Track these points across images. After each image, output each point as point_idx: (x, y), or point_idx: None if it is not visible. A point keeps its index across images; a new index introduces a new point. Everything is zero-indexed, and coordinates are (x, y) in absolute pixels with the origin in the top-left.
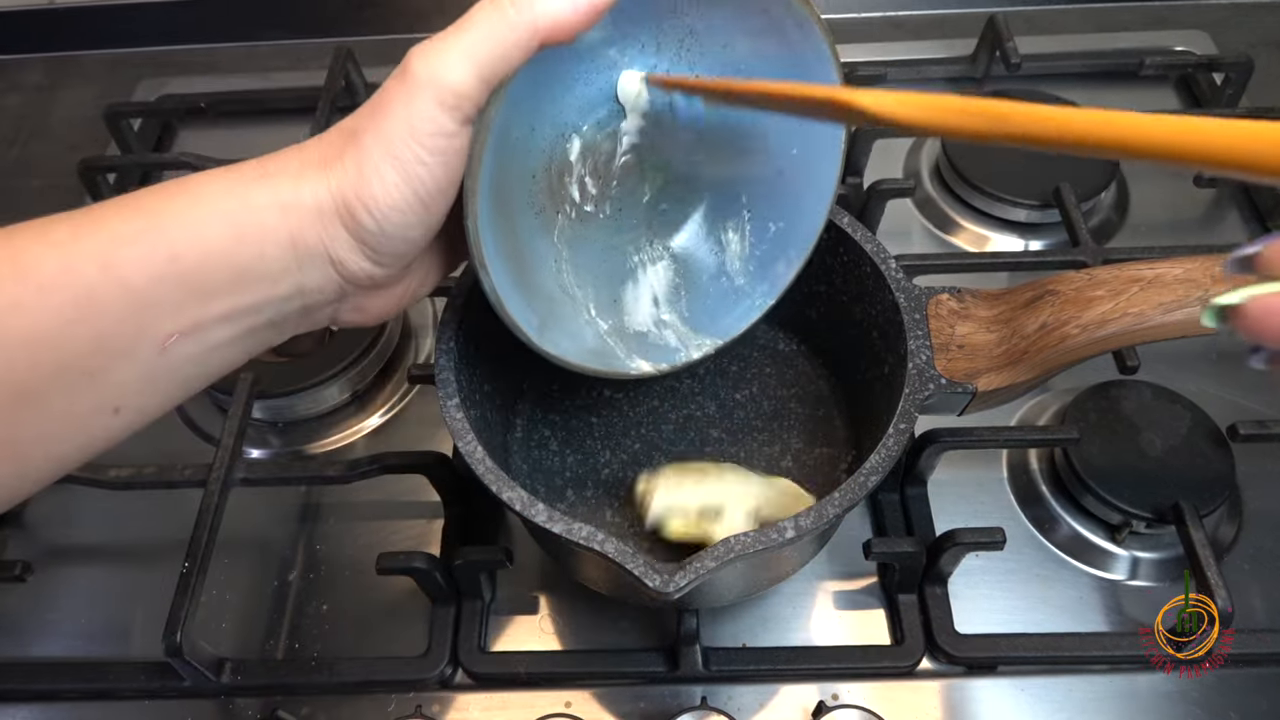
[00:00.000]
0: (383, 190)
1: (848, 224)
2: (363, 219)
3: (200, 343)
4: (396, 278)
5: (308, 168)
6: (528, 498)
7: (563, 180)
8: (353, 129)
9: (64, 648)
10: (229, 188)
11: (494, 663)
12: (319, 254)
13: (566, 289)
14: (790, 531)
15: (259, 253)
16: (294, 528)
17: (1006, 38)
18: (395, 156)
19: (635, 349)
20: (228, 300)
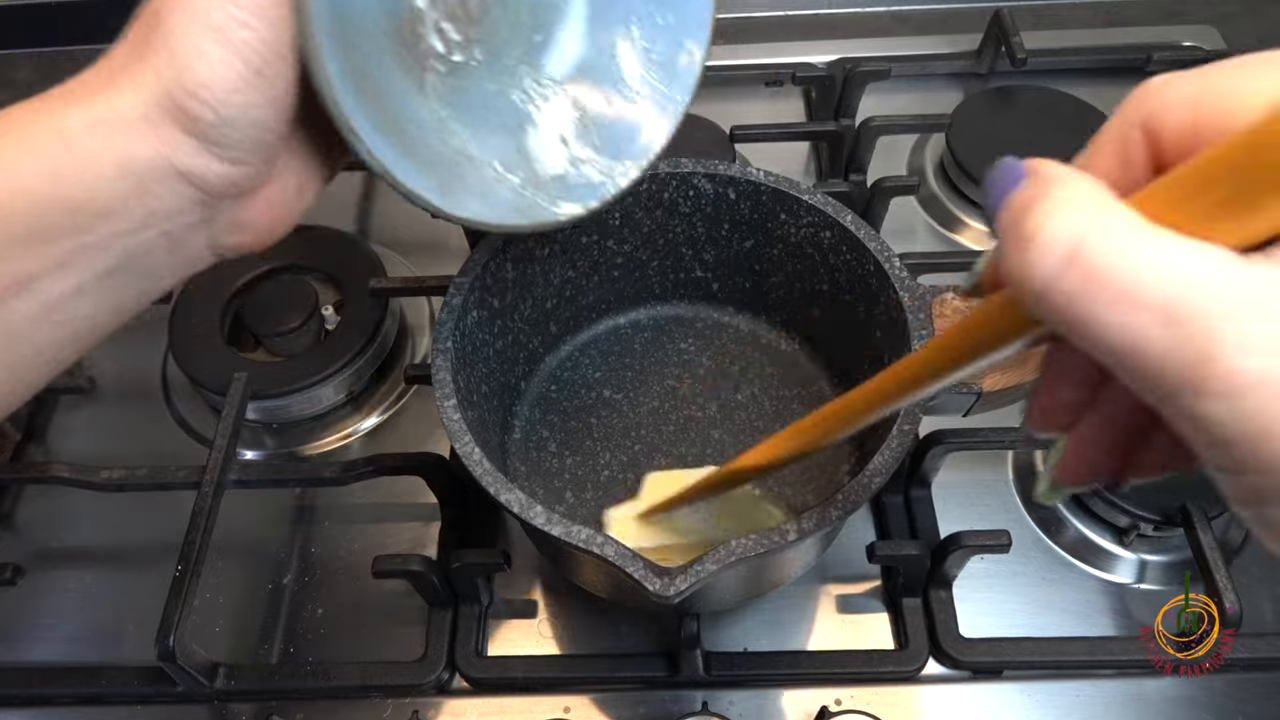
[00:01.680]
0: (208, 69)
1: (851, 222)
2: (196, 110)
3: (37, 298)
4: (264, 176)
5: (118, 75)
6: (526, 500)
7: (416, 32)
8: (154, 11)
9: (55, 652)
10: (34, 118)
11: (492, 667)
12: (161, 168)
13: (462, 150)
14: (793, 534)
15: (83, 183)
16: (289, 530)
17: (1012, 32)
18: (210, 26)
19: (558, 194)
20: (60, 245)
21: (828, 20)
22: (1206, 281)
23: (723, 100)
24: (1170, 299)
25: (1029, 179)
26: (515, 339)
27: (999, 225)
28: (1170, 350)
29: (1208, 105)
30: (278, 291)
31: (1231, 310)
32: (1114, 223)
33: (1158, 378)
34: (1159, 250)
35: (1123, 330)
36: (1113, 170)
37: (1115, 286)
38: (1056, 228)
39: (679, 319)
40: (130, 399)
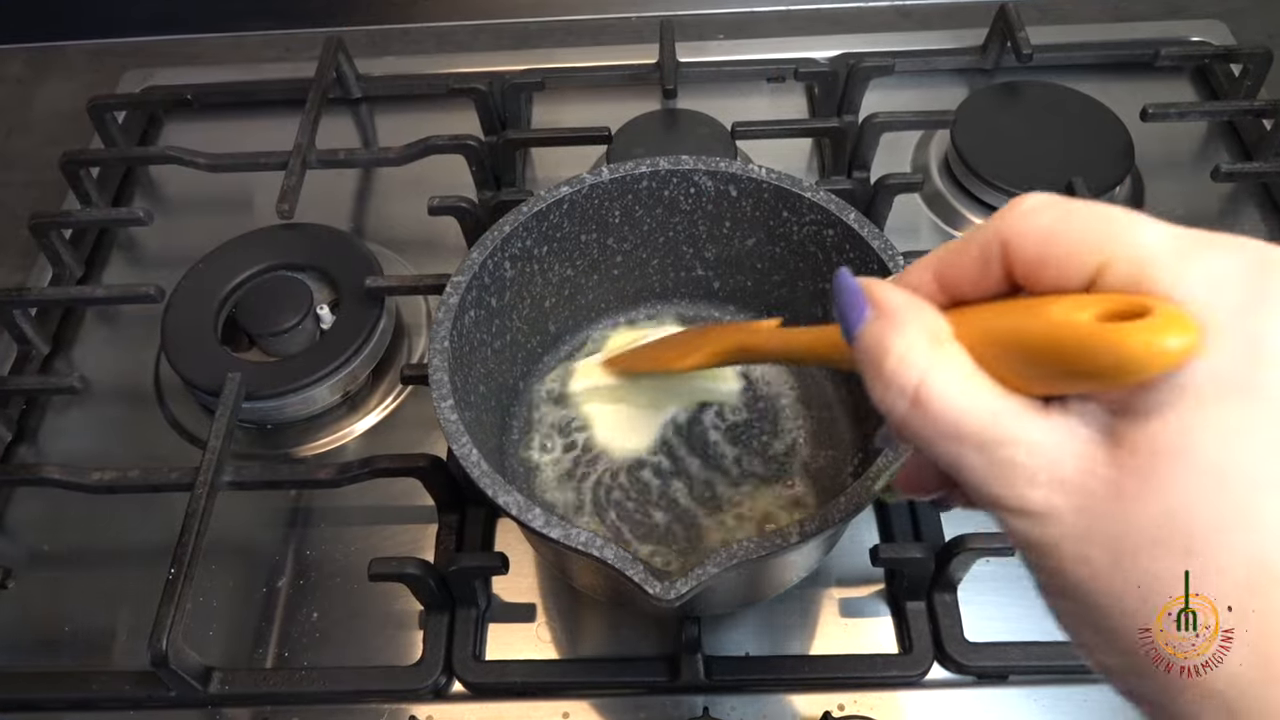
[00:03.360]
0: None
1: (854, 220)
2: None
3: None
4: None
5: None
6: (524, 502)
7: None
8: None
9: (46, 657)
10: None
11: (489, 672)
12: None
13: None
14: (795, 536)
15: None
16: (283, 533)
17: (1018, 27)
18: None
19: None
20: None
21: (830, 15)
22: (1008, 427)
23: (724, 96)
24: (982, 438)
25: (873, 311)
26: (513, 339)
27: (856, 353)
28: (985, 477)
29: (1058, 249)
30: (272, 291)
31: (1025, 450)
32: (946, 372)
33: (979, 494)
34: (978, 398)
35: (953, 457)
36: (973, 267)
37: (946, 424)
38: (905, 376)
39: (680, 318)
40: (122, 399)
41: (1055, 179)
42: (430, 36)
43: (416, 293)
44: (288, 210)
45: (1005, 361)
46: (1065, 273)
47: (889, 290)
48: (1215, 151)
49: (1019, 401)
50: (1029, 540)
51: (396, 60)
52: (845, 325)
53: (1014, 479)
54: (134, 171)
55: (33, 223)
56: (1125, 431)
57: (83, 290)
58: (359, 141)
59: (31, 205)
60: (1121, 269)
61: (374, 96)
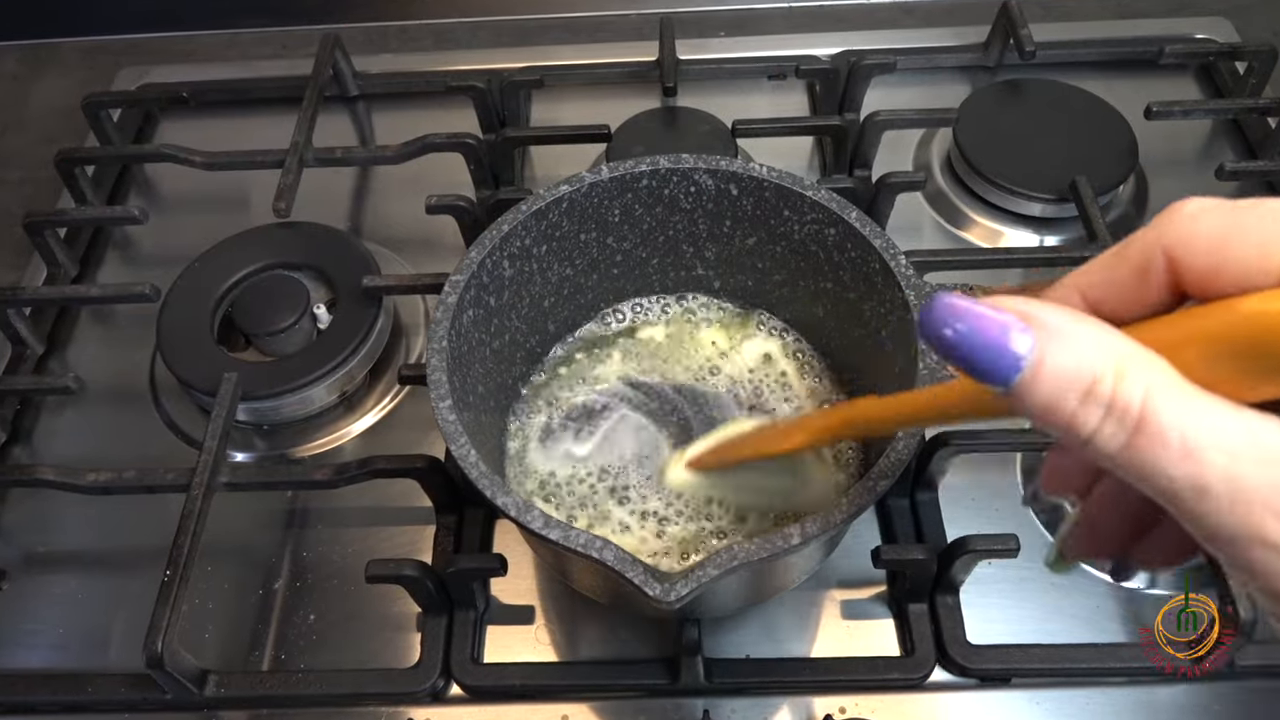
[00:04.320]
0: None
1: (856, 219)
2: None
3: None
4: None
5: None
6: (523, 503)
7: None
8: None
9: (41, 659)
10: None
11: (488, 675)
12: None
13: None
14: (796, 538)
15: None
16: (280, 534)
17: (1021, 25)
18: None
19: None
20: None
21: (832, 12)
22: (1263, 449)
23: (724, 94)
24: (1232, 456)
25: (1042, 333)
26: (512, 338)
27: (1025, 392)
28: (1233, 504)
29: (1232, 251)
30: (269, 290)
31: (1272, 474)
32: (1168, 386)
33: (1218, 526)
34: (1214, 409)
35: (1191, 487)
36: (1129, 282)
37: (1184, 447)
38: (1124, 398)
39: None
40: (118, 400)
41: (1058, 177)
42: (428, 33)
43: (414, 292)
44: (284, 209)
45: (1203, 369)
46: (1249, 273)
47: (1038, 305)
48: (1220, 150)
49: (1255, 410)
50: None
51: (394, 58)
52: (997, 361)
53: (1271, 501)
54: (129, 170)
55: (27, 221)
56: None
57: (78, 289)
58: (356, 140)
59: (26, 204)
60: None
61: (371, 94)
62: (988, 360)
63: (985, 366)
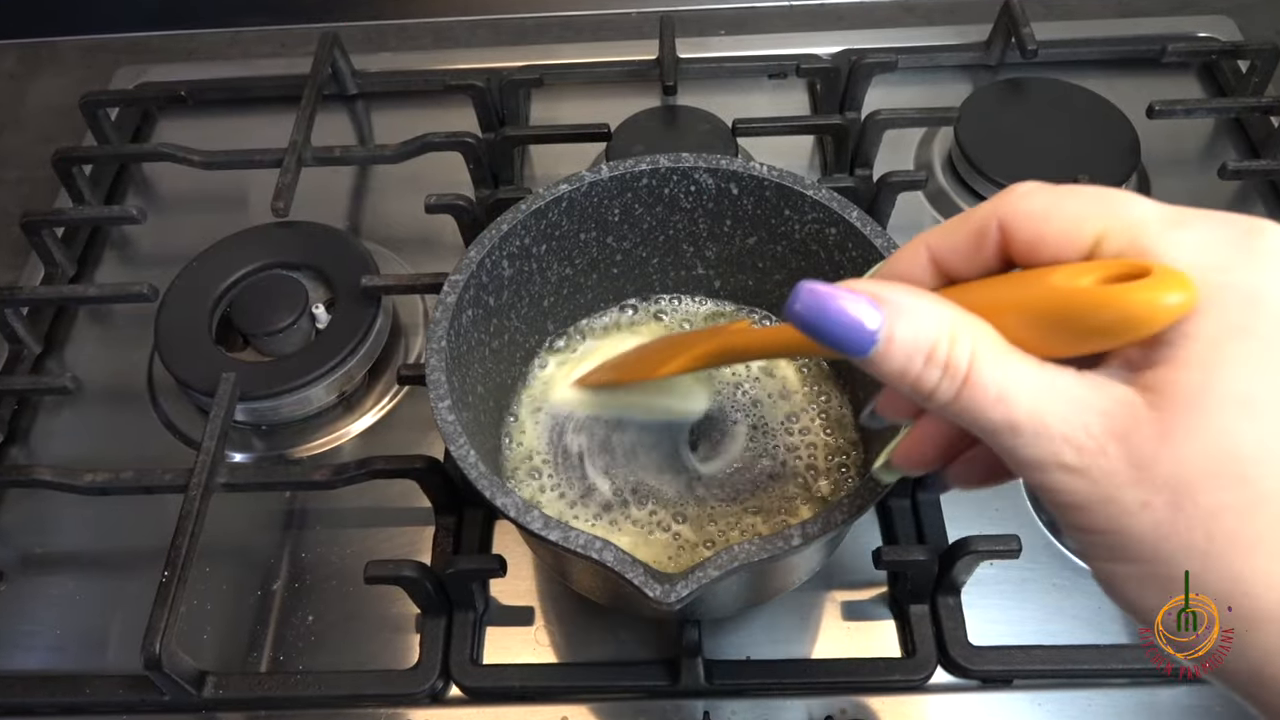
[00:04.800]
0: None
1: (856, 218)
2: None
3: None
4: None
5: None
6: (523, 503)
7: None
8: None
9: (38, 660)
10: None
11: (487, 676)
12: None
13: None
14: (797, 539)
15: None
16: (278, 535)
17: (1023, 23)
18: None
19: None
20: None
21: (832, 10)
22: (1055, 386)
23: (725, 93)
24: (1035, 400)
25: (889, 309)
26: (512, 338)
27: (883, 356)
28: (1037, 438)
29: (1049, 226)
30: (267, 290)
31: (1076, 406)
32: (988, 347)
33: (1028, 456)
34: (1023, 364)
35: (1004, 424)
36: (968, 245)
37: (998, 393)
38: (956, 358)
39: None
40: (115, 400)
41: (1060, 176)
42: (427, 32)
43: (413, 292)
44: (283, 208)
45: (1017, 331)
46: (1063, 246)
47: (887, 287)
48: (1222, 149)
49: (1055, 365)
50: (1086, 498)
51: (393, 56)
52: (854, 336)
53: (1067, 434)
54: (127, 169)
55: (24, 221)
56: (1153, 380)
57: (75, 289)
58: (355, 138)
59: (23, 203)
60: (1117, 239)
61: (370, 93)
62: (846, 336)
63: (845, 341)
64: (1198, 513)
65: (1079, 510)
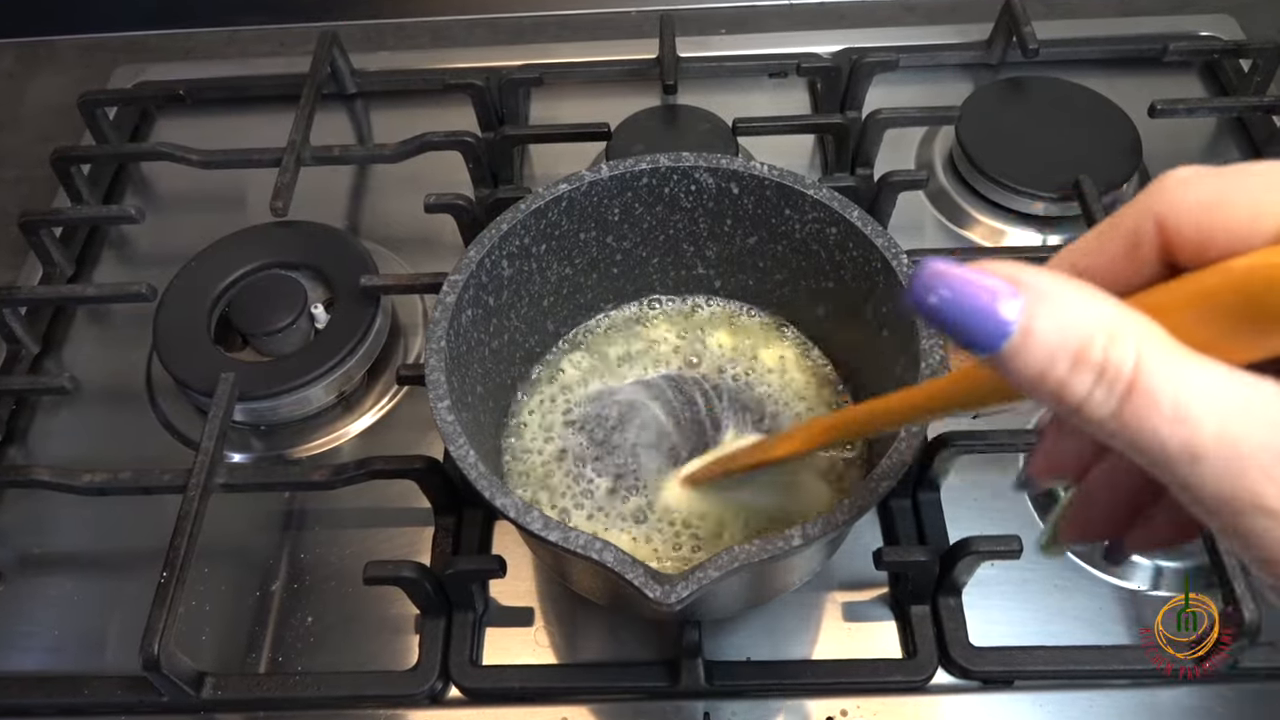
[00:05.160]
0: None
1: (857, 218)
2: None
3: None
4: None
5: None
6: (522, 504)
7: None
8: None
9: (36, 661)
10: None
11: (487, 677)
12: None
13: None
14: (797, 539)
15: None
16: (277, 535)
17: (1024, 22)
18: None
19: None
20: None
21: (833, 9)
22: (1258, 412)
23: (725, 92)
24: (1226, 420)
25: (1030, 294)
26: (511, 338)
27: (1012, 359)
28: (1232, 472)
29: (1223, 216)
30: (266, 289)
31: (1268, 437)
32: (1160, 347)
33: (1212, 492)
34: (1209, 372)
35: (1184, 454)
36: (1119, 255)
37: (1178, 411)
38: (1115, 362)
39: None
40: (113, 400)
41: (1062, 176)
42: (426, 31)
43: (413, 291)
44: (281, 208)
45: (1193, 331)
46: (1239, 240)
47: (1026, 269)
48: (1224, 148)
49: (1248, 372)
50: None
51: (392, 55)
52: (984, 326)
53: (1269, 467)
54: (126, 168)
55: (22, 220)
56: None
57: (73, 289)
58: (354, 138)
59: (21, 202)
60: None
61: (369, 92)
62: (975, 325)
63: (973, 332)
64: None
65: (1273, 565)
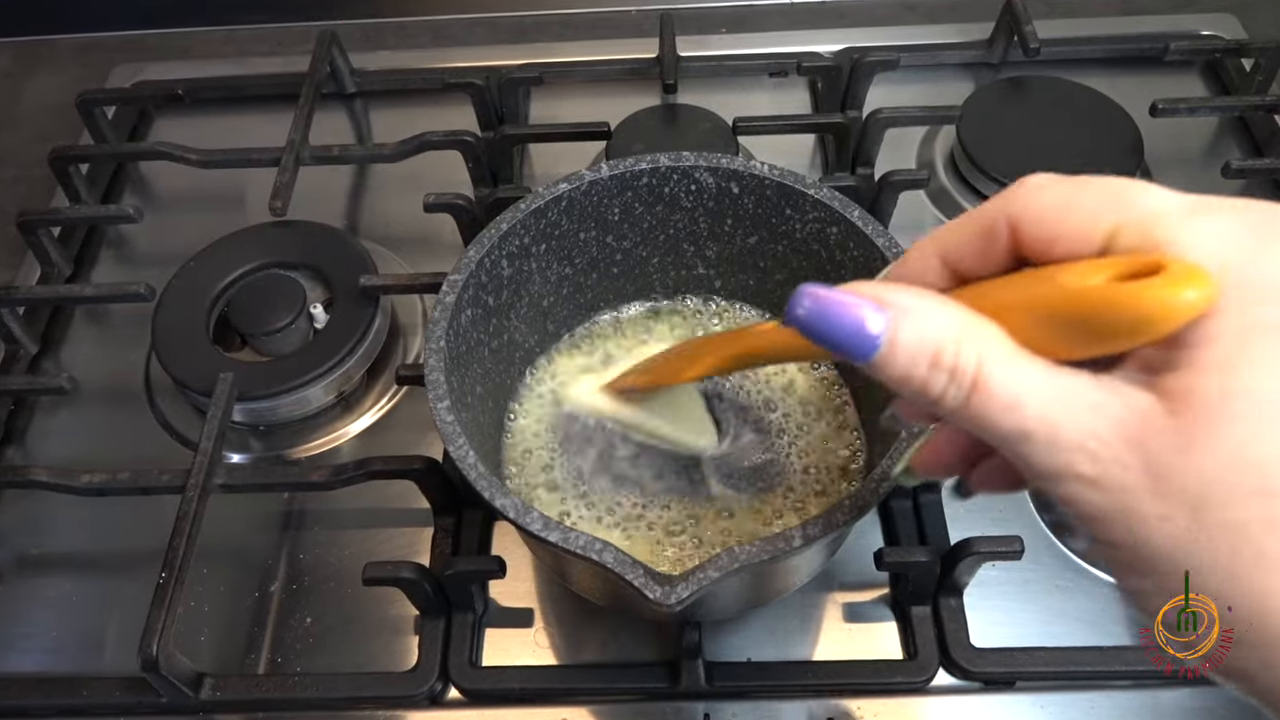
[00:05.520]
0: None
1: (858, 217)
2: None
3: None
4: None
5: None
6: (522, 504)
7: None
8: None
9: (34, 662)
10: None
11: (486, 678)
12: None
13: None
14: (798, 540)
15: None
16: (276, 536)
17: (1025, 21)
18: None
19: None
20: None
21: (834, 8)
22: (1069, 392)
23: (725, 91)
24: (1047, 407)
25: (894, 311)
26: (511, 338)
27: (884, 359)
28: (1050, 447)
29: (1065, 222)
30: (265, 289)
31: (1090, 413)
32: (998, 351)
33: (1041, 465)
34: (1033, 368)
35: (1015, 432)
36: (978, 244)
37: (1008, 400)
38: (963, 363)
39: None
40: (112, 400)
41: (1063, 175)
42: (425, 30)
43: (412, 291)
44: (280, 207)
45: (1028, 332)
46: (1077, 243)
47: (891, 289)
48: (1226, 147)
49: (1068, 368)
50: (1104, 510)
51: (391, 54)
52: (857, 340)
53: (1082, 443)
54: (124, 168)
55: (21, 220)
56: (1172, 385)
57: (72, 289)
58: (353, 137)
59: (20, 202)
60: (1131, 232)
61: (368, 91)
62: (848, 341)
63: (847, 346)
64: (1221, 527)
65: (1098, 522)
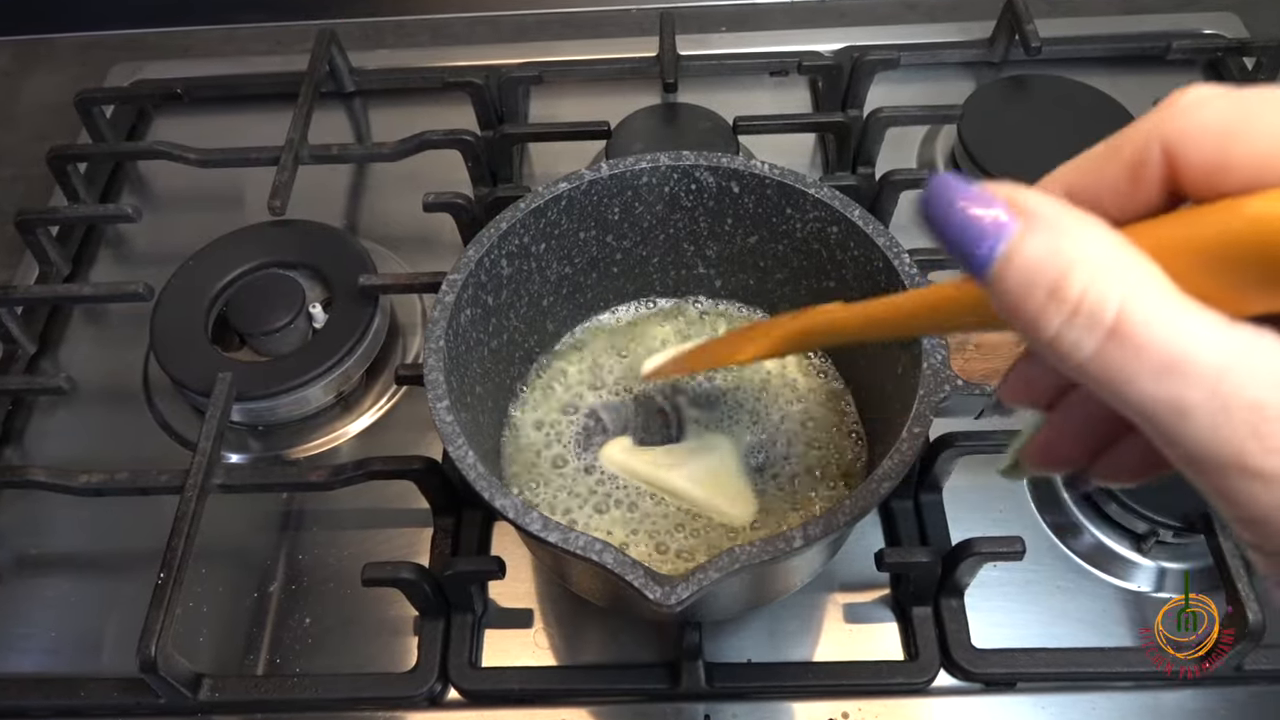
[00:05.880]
0: None
1: (859, 217)
2: None
3: None
4: None
5: None
6: (522, 505)
7: None
8: None
9: (32, 663)
10: None
11: (486, 679)
12: None
13: None
14: (798, 540)
15: None
16: (275, 536)
17: (1026, 20)
18: None
19: None
20: None
21: (835, 7)
22: (1254, 368)
23: (726, 90)
24: (1218, 371)
25: (1024, 221)
26: (511, 338)
27: (1000, 284)
28: (1216, 424)
29: (1240, 146)
30: (264, 289)
31: (1262, 395)
32: (1153, 292)
33: (1197, 449)
34: (1202, 320)
35: (1170, 401)
36: (1121, 180)
37: (1165, 357)
38: (1098, 299)
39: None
40: (110, 400)
41: None
42: (425, 29)
43: (411, 291)
44: (279, 206)
45: (1197, 276)
46: (1255, 171)
47: (1033, 194)
48: None
49: (1249, 324)
50: (1275, 510)
51: (390, 53)
52: (977, 246)
53: (1260, 426)
54: (122, 167)
55: (19, 219)
56: None
57: (70, 288)
58: (352, 136)
59: (18, 201)
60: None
61: (367, 90)
62: (968, 241)
63: (965, 248)
64: None
65: (1263, 527)
